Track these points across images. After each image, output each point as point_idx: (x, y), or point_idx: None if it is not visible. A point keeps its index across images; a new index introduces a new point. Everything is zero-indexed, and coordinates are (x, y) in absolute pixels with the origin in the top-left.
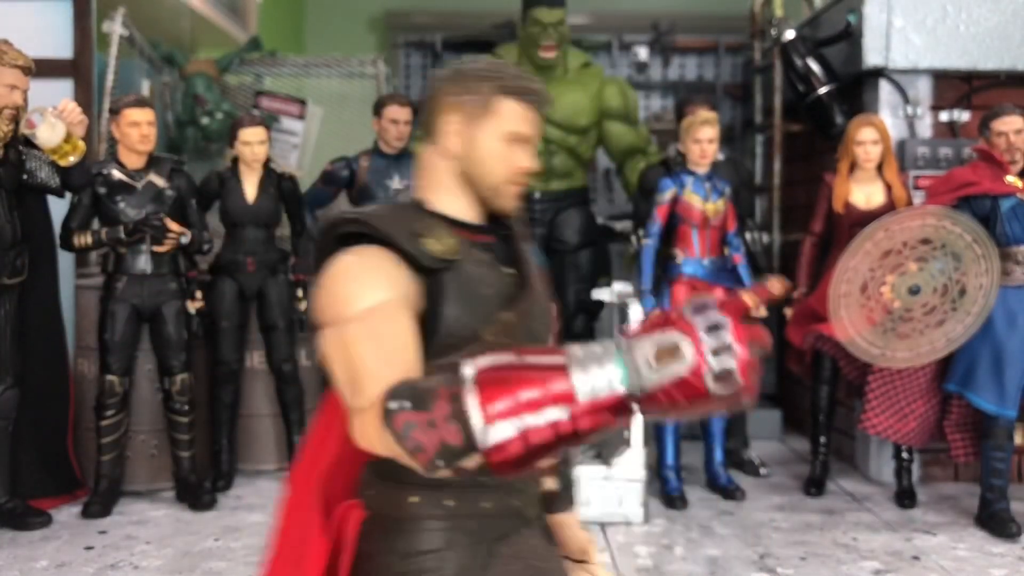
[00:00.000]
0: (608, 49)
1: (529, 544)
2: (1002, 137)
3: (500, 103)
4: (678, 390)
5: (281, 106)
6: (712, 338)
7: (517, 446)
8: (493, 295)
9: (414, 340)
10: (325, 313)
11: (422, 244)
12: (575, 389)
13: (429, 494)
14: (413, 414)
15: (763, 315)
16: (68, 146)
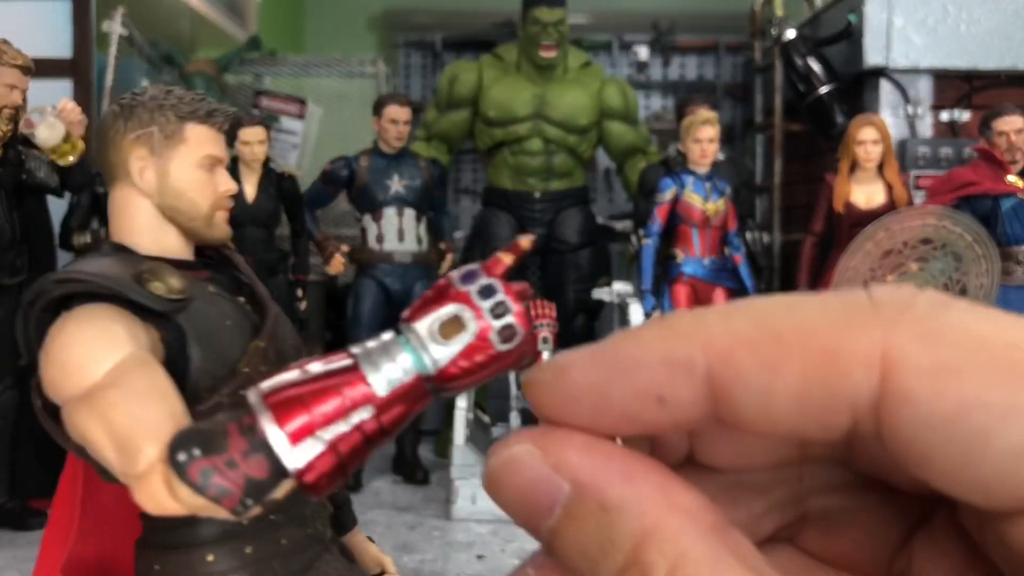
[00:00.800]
0: (608, 49)
1: (335, 568)
2: (1003, 137)
3: (186, 129)
4: (469, 357)
5: (281, 106)
6: (487, 300)
7: (328, 460)
8: (235, 326)
9: (173, 389)
10: (63, 390)
11: (147, 289)
12: (373, 389)
13: (225, 547)
14: (207, 460)
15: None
16: (67, 146)
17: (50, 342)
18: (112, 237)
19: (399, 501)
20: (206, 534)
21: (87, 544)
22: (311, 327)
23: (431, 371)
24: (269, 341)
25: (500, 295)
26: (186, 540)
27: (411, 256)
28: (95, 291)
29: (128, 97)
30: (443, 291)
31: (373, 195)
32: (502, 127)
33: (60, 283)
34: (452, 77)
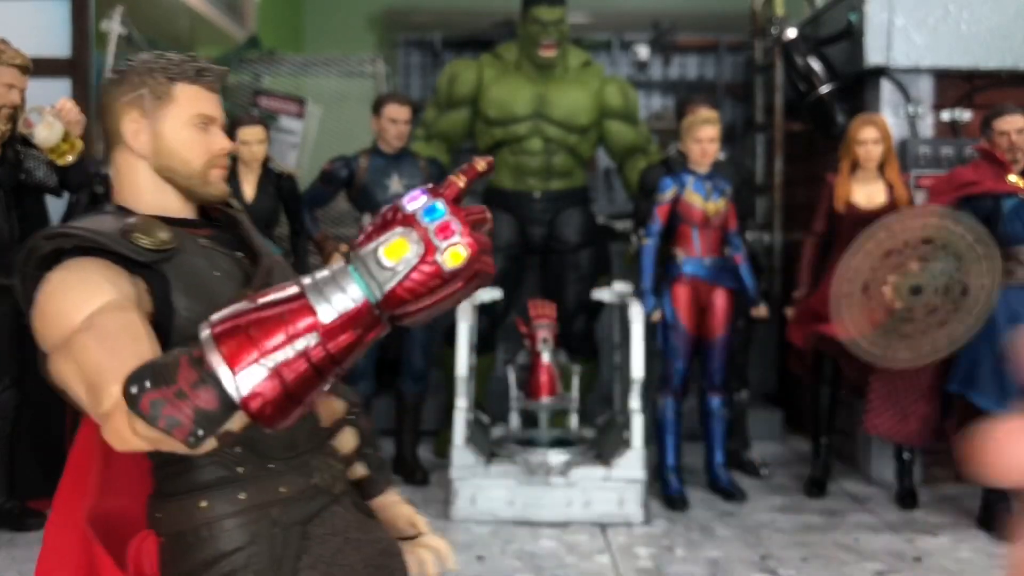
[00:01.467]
0: (608, 48)
1: (343, 519)
2: (1004, 136)
3: (176, 89)
4: (415, 280)
5: (280, 105)
6: (433, 222)
7: (273, 386)
8: (223, 277)
9: (147, 334)
10: (47, 338)
11: (132, 240)
12: (318, 315)
13: (219, 493)
14: (157, 391)
15: (764, 316)
16: (66, 145)
17: (38, 295)
18: (115, 200)
19: None
20: (201, 480)
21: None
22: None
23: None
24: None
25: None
26: (182, 487)
27: None
28: (81, 245)
29: (123, 64)
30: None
31: (372, 195)
32: (502, 126)
33: (49, 239)
34: (452, 76)
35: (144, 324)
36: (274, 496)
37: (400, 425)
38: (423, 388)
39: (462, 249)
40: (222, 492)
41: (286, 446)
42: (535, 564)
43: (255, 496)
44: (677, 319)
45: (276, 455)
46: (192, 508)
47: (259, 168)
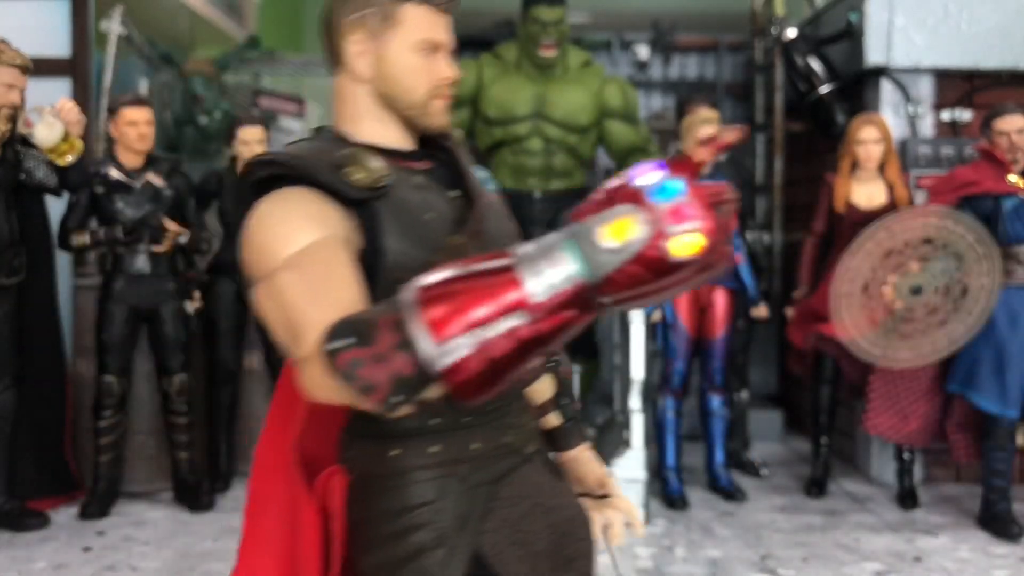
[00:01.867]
0: (608, 48)
1: (533, 481)
2: (1004, 136)
3: (403, 11)
4: (639, 267)
5: (280, 105)
6: (665, 202)
7: (477, 363)
8: (437, 219)
9: (354, 278)
10: (253, 268)
11: (345, 175)
12: (528, 294)
13: (411, 444)
14: (357, 350)
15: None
16: (66, 145)
17: (247, 224)
18: (335, 125)
19: None
20: (395, 428)
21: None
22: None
23: (595, 278)
24: (472, 238)
25: (682, 197)
26: (377, 431)
27: None
28: (293, 174)
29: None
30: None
31: None
32: (502, 126)
33: (263, 164)
34: None
35: (351, 267)
36: (465, 453)
37: None
38: None
39: (697, 238)
40: (415, 443)
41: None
42: None
43: (447, 451)
44: (677, 319)
45: (472, 410)
46: (383, 454)
47: None
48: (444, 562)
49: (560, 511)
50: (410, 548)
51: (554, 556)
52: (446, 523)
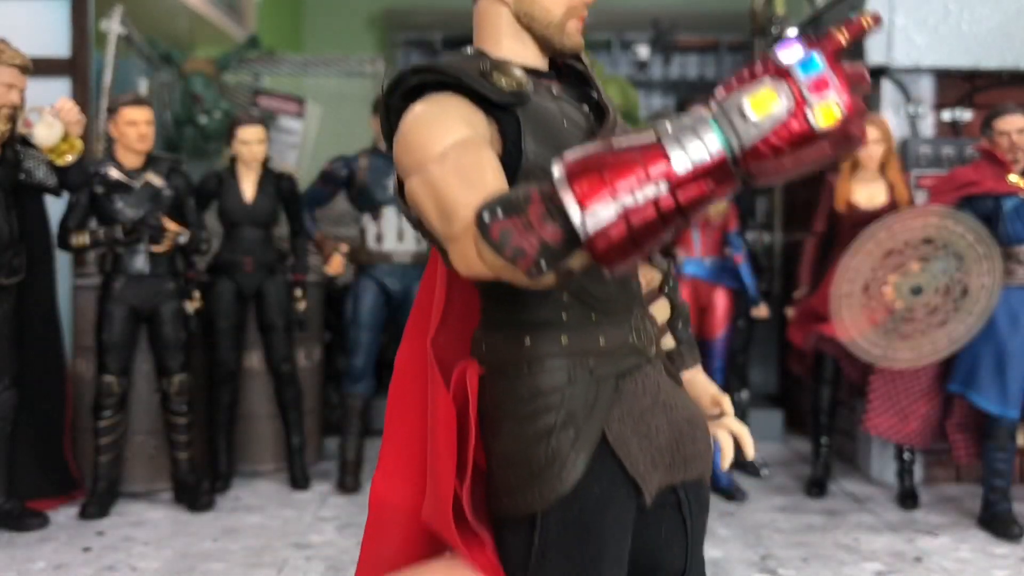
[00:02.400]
0: (609, 47)
1: (654, 381)
2: (1004, 136)
3: None
4: (781, 137)
5: (280, 105)
6: (808, 76)
7: (620, 229)
8: (571, 128)
9: (498, 169)
10: (407, 164)
11: (491, 81)
12: (672, 163)
13: (543, 334)
14: (507, 220)
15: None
16: (65, 145)
17: (401, 125)
18: (475, 44)
19: None
20: (528, 319)
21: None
22: (310, 327)
23: (737, 150)
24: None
25: (824, 71)
26: (510, 322)
27: (411, 256)
28: (443, 81)
29: None
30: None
31: (372, 195)
32: None
33: (415, 72)
34: None
35: (495, 160)
36: (593, 346)
37: None
38: None
39: (837, 108)
40: (546, 333)
41: (609, 300)
42: None
43: (576, 343)
44: None
45: (598, 309)
46: (517, 343)
47: (259, 168)
48: (572, 441)
49: (679, 411)
50: (540, 428)
51: (673, 452)
52: (575, 407)
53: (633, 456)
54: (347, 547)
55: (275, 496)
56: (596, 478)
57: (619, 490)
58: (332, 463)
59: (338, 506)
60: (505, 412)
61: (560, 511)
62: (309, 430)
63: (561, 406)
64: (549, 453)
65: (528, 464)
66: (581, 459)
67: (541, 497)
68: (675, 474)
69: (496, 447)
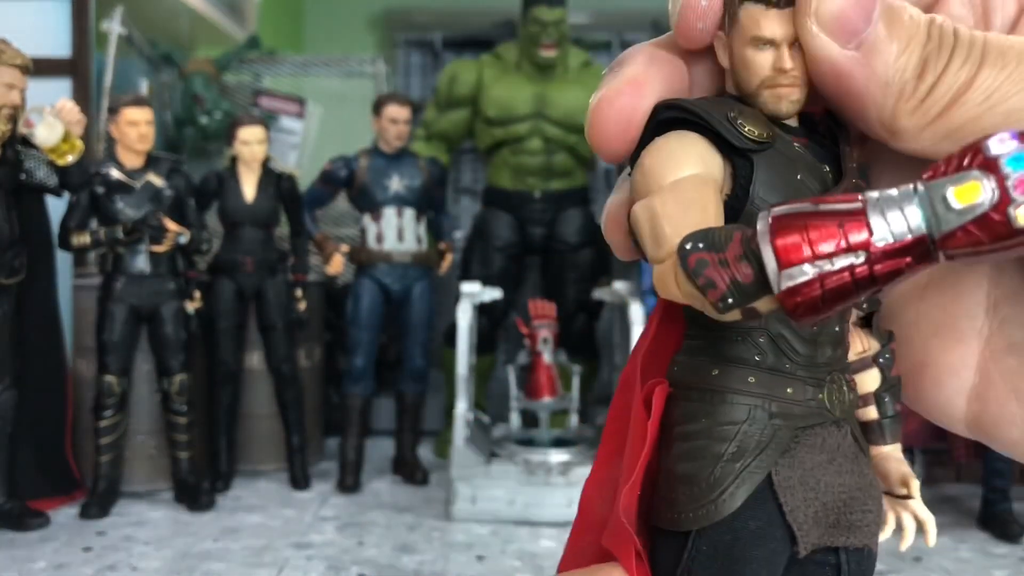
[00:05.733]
0: (608, 48)
1: (835, 441)
2: None
3: (742, 9)
4: (980, 228)
5: (280, 105)
6: (1017, 172)
7: (812, 288)
8: (805, 183)
9: (716, 207)
10: (639, 189)
11: (738, 126)
12: (872, 235)
13: (733, 369)
14: (706, 253)
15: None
16: (66, 145)
17: (643, 154)
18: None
19: (399, 502)
20: (723, 352)
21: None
22: (310, 327)
23: (937, 233)
24: None
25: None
26: (705, 351)
27: (411, 256)
28: (690, 119)
29: None
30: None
31: (372, 195)
32: (502, 126)
33: (668, 108)
34: (452, 76)
35: (717, 200)
36: (779, 392)
37: (400, 425)
38: (423, 388)
39: None
40: (736, 369)
41: (807, 355)
42: (535, 564)
43: (762, 384)
44: None
45: (794, 360)
46: (707, 371)
47: (259, 168)
48: (737, 473)
49: (855, 477)
50: (710, 454)
51: (838, 514)
52: (748, 444)
53: (794, 503)
54: (347, 547)
55: (275, 496)
56: (754, 514)
57: (775, 532)
58: (332, 463)
59: (338, 506)
60: (682, 433)
61: (713, 535)
62: (309, 430)
63: (734, 439)
64: (713, 479)
65: (693, 485)
66: (742, 491)
67: (698, 518)
68: (838, 536)
69: (667, 463)
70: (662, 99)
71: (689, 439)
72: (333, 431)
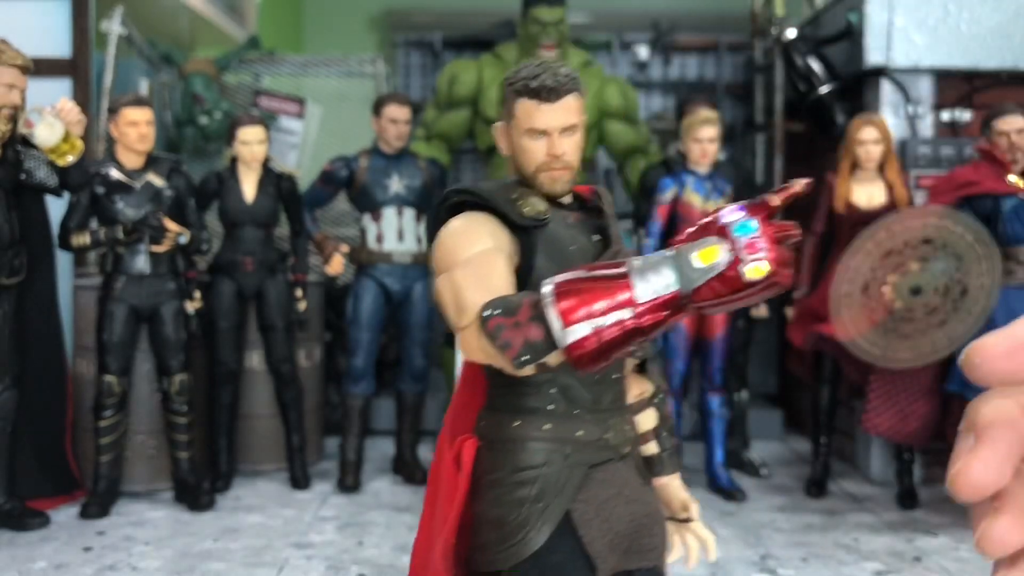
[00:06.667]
0: (608, 48)
1: (622, 475)
2: (1003, 137)
3: (518, 104)
4: (720, 284)
5: (280, 105)
6: (742, 237)
7: (591, 342)
8: (578, 252)
9: (508, 277)
10: (439, 264)
11: (518, 207)
12: (636, 294)
13: (529, 419)
14: (502, 318)
15: (764, 316)
16: (66, 145)
17: (441, 232)
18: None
19: (399, 501)
20: (521, 405)
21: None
22: (310, 327)
23: (687, 289)
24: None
25: (756, 234)
26: (507, 406)
27: (411, 256)
28: (479, 202)
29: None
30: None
31: (372, 195)
32: None
33: (458, 193)
34: (452, 77)
35: (508, 269)
36: (571, 436)
37: (400, 425)
38: (423, 388)
39: (763, 265)
40: (534, 418)
41: (592, 401)
42: None
43: (556, 430)
44: None
45: (582, 405)
46: (507, 423)
47: (259, 168)
48: (540, 513)
49: (641, 505)
50: (516, 498)
51: (630, 540)
52: (547, 486)
53: (592, 535)
54: (347, 547)
55: (275, 496)
56: (557, 549)
57: (576, 562)
58: (332, 463)
59: (338, 506)
60: (490, 481)
61: (521, 573)
62: (309, 430)
63: (536, 482)
64: (518, 521)
65: (501, 528)
66: (545, 529)
67: (508, 557)
68: (632, 560)
69: (479, 511)
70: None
71: (496, 486)
72: (333, 431)
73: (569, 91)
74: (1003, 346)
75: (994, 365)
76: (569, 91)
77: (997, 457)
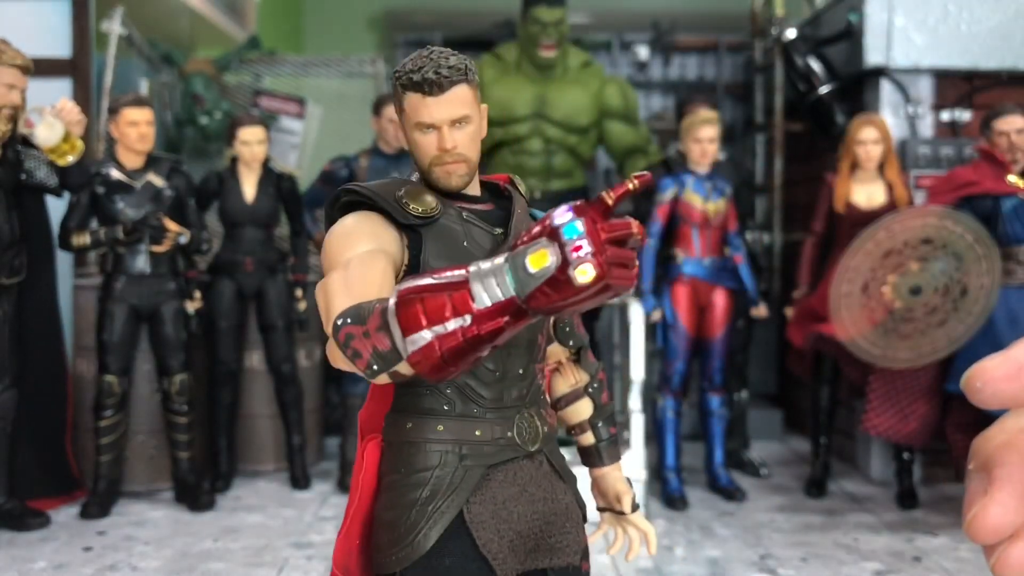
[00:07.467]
0: (608, 48)
1: (528, 473)
2: (1003, 137)
3: (405, 98)
4: (552, 288)
5: (280, 105)
6: (570, 238)
7: (431, 351)
8: (473, 246)
9: (382, 280)
10: (323, 268)
11: (404, 205)
12: (473, 300)
13: (422, 421)
14: (353, 327)
15: (764, 316)
16: (66, 145)
17: (329, 232)
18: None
19: None
20: (418, 406)
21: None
22: (311, 327)
23: (522, 294)
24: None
25: (581, 235)
26: (405, 407)
27: None
28: (364, 201)
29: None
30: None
31: None
32: (502, 127)
33: (346, 192)
34: None
35: (384, 273)
36: (468, 436)
37: None
38: None
39: (590, 268)
40: (428, 420)
41: (492, 399)
42: None
43: (451, 431)
44: (677, 319)
45: (481, 404)
46: (404, 425)
47: (259, 168)
48: (429, 515)
49: (550, 503)
50: (407, 500)
51: (536, 539)
52: (439, 487)
53: (487, 536)
54: None
55: (276, 496)
56: (449, 551)
57: (470, 565)
58: (332, 463)
59: (338, 506)
60: (387, 483)
61: (413, 574)
62: (309, 430)
63: (428, 484)
64: (409, 522)
65: (394, 530)
66: (434, 532)
67: (400, 560)
68: (541, 559)
69: (376, 511)
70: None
71: (391, 489)
72: (333, 431)
73: (455, 82)
74: (1004, 369)
75: (996, 387)
76: (455, 82)
77: (1014, 498)
